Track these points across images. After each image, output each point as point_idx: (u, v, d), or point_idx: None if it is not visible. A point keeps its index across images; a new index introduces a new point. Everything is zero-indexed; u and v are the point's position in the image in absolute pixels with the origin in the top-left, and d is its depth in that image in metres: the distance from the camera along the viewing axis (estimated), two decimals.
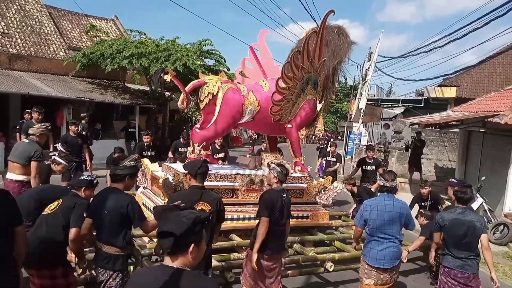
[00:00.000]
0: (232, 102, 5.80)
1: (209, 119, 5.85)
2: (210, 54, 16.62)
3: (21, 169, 5.08)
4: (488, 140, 11.28)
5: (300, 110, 6.57)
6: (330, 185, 6.61)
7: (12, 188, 5.00)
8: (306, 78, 6.34)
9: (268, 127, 6.66)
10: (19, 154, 5.10)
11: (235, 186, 5.85)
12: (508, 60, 17.75)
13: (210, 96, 5.70)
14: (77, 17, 19.45)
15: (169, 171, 5.87)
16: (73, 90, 13.73)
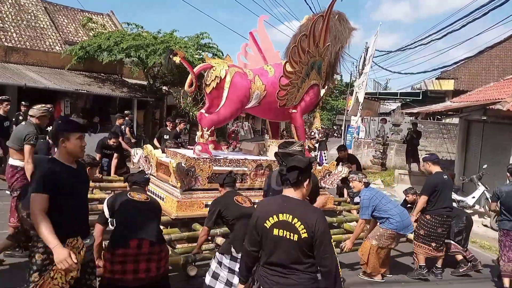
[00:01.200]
0: (240, 86, 5.71)
1: (216, 103, 5.75)
2: (208, 48, 16.50)
3: (17, 154, 4.83)
4: (489, 130, 11.28)
5: (304, 95, 6.55)
6: (334, 169, 6.75)
7: (7, 173, 4.87)
8: (311, 63, 6.32)
9: (273, 112, 6.60)
10: (13, 138, 4.89)
11: (244, 171, 5.81)
12: (505, 53, 17.80)
13: (217, 80, 5.57)
14: (72, 12, 19.28)
15: (175, 157, 5.78)
16: (71, 83, 13.61)
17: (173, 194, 5.37)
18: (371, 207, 5.14)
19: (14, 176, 4.78)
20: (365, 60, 19.59)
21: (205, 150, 5.67)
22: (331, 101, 43.37)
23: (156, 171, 5.96)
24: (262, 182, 5.81)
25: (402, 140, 17.54)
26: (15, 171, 4.79)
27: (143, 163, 6.14)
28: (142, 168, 6.12)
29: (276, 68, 6.37)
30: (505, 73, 16.95)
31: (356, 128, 18.02)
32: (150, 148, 6.31)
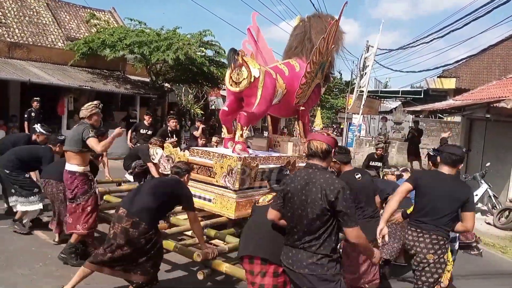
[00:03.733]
0: (270, 85, 5.74)
1: (248, 102, 5.74)
2: (210, 45, 16.50)
3: (74, 158, 4.65)
4: (491, 128, 11.35)
5: (311, 94, 6.74)
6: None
7: (65, 180, 4.71)
8: (321, 63, 6.47)
9: (287, 110, 6.79)
10: (69, 141, 4.70)
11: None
12: (507, 52, 17.88)
13: (250, 79, 5.56)
14: (74, 8, 19.25)
15: (208, 156, 5.74)
16: (74, 79, 13.60)
17: (225, 195, 5.28)
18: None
19: (74, 183, 4.64)
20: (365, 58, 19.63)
21: (245, 148, 5.69)
22: (330, 100, 43.37)
23: None
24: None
25: (403, 138, 17.62)
26: (74, 177, 4.65)
27: (164, 163, 6.06)
28: (163, 168, 6.05)
29: (289, 66, 6.53)
30: (507, 71, 17.01)
31: (357, 126, 18.07)
32: (173, 148, 6.23)
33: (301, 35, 6.84)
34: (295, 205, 2.86)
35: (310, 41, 6.70)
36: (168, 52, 13.54)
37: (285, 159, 6.09)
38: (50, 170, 5.37)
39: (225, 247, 4.33)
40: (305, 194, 2.81)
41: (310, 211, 2.76)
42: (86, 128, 4.57)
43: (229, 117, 6.18)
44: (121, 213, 3.76)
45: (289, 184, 2.94)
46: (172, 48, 13.67)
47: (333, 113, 44.93)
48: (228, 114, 6.08)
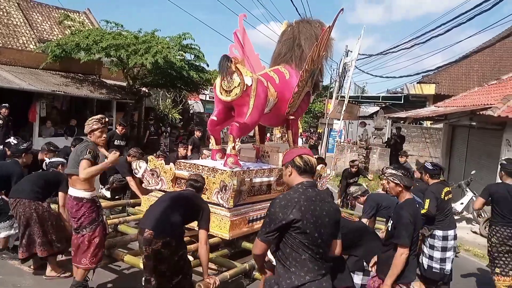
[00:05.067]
0: (262, 94, 5.42)
1: (239, 112, 5.41)
2: (190, 49, 16.11)
3: (79, 182, 4.07)
4: (475, 135, 11.34)
5: (301, 102, 6.50)
6: (324, 172, 6.90)
7: (70, 207, 4.16)
8: (312, 71, 6.22)
9: (277, 119, 6.49)
10: (71, 163, 4.13)
11: (270, 181, 5.55)
12: (484, 58, 18.13)
13: (243, 87, 5.21)
14: (47, 9, 18.52)
15: (197, 170, 5.34)
16: (47, 84, 12.98)
17: (217, 213, 4.81)
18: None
19: (80, 211, 4.06)
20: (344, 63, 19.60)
21: (237, 162, 5.32)
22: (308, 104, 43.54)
23: (172, 186, 5.50)
24: (281, 190, 5.64)
25: (384, 144, 17.61)
26: (81, 204, 4.07)
27: (148, 177, 5.61)
28: (147, 183, 5.61)
29: (279, 74, 6.25)
30: (484, 77, 17.25)
31: (338, 132, 17.97)
32: (159, 162, 5.76)
33: (289, 41, 6.54)
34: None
35: (299, 47, 6.42)
36: (146, 55, 13.10)
37: (277, 171, 5.79)
38: (20, 188, 4.85)
39: (226, 275, 3.95)
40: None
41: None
42: (86, 147, 4.05)
43: (218, 127, 5.84)
44: (148, 235, 3.45)
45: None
46: (151, 51, 13.24)
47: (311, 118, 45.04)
48: (217, 124, 5.71)
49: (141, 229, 3.60)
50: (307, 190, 2.60)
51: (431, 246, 5.22)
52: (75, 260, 4.13)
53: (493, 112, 8.61)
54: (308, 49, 6.18)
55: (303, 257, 2.49)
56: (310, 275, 2.47)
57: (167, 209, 3.63)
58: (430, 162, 5.93)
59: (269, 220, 2.54)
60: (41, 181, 4.85)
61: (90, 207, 4.08)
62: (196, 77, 15.47)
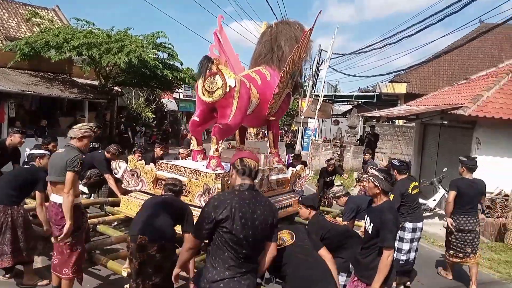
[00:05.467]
0: (245, 95, 5.38)
1: (222, 113, 5.33)
2: (163, 48, 15.89)
3: (62, 188, 3.92)
4: (445, 133, 11.65)
5: (282, 103, 6.54)
6: (303, 172, 7.00)
7: (51, 213, 4.00)
8: (292, 72, 6.26)
9: (258, 120, 6.51)
10: (53, 169, 3.98)
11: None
12: (453, 58, 18.67)
13: (226, 89, 5.14)
14: (14, 5, 17.88)
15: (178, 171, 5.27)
16: (15, 83, 12.53)
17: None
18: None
19: (63, 218, 3.89)
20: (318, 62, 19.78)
21: (220, 164, 5.26)
22: None
23: (153, 187, 5.37)
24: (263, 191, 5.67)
25: (357, 141, 17.90)
26: (62, 210, 3.90)
27: (127, 178, 5.48)
28: (127, 183, 5.48)
29: (260, 75, 6.26)
30: (453, 76, 17.77)
31: (313, 130, 18.14)
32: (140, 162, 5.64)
33: (269, 42, 6.56)
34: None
35: (279, 49, 6.45)
36: (120, 54, 12.84)
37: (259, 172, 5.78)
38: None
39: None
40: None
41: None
42: (78, 158, 3.91)
43: (200, 128, 5.80)
44: (141, 241, 3.42)
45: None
46: (124, 50, 12.98)
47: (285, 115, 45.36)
48: (199, 125, 5.66)
49: (132, 236, 3.53)
50: (242, 193, 2.73)
51: (400, 239, 5.33)
52: (56, 269, 4.00)
53: (464, 112, 8.86)
54: (288, 51, 6.22)
55: (226, 255, 2.63)
56: (229, 272, 2.60)
57: (155, 214, 3.59)
58: (397, 159, 6.25)
59: (202, 218, 2.68)
60: (17, 182, 4.63)
61: (74, 214, 3.94)
62: (170, 76, 15.29)
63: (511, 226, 8.18)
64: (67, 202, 3.82)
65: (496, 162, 9.05)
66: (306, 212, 4.43)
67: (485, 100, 9.21)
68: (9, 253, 4.49)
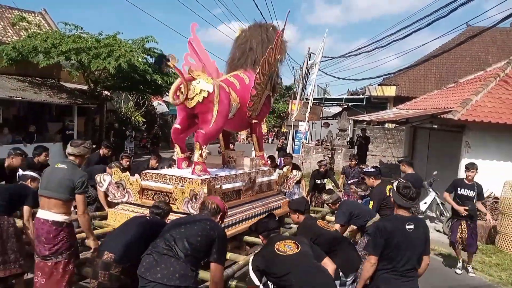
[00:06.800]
0: (225, 100, 5.40)
1: (203, 119, 5.32)
2: (153, 52, 15.80)
3: (61, 206, 3.85)
4: (435, 136, 11.76)
5: (262, 106, 6.59)
6: (290, 174, 7.07)
7: (45, 232, 3.81)
8: (269, 74, 6.30)
9: (240, 124, 6.53)
10: (56, 185, 3.84)
11: (239, 187, 5.57)
12: (441, 61, 18.85)
13: (204, 94, 5.14)
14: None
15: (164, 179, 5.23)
16: (3, 89, 12.35)
17: None
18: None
19: (58, 236, 3.81)
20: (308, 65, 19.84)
21: (205, 169, 5.25)
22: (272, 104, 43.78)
23: (140, 197, 5.30)
24: (250, 195, 5.78)
25: (348, 144, 17.96)
26: (60, 229, 3.81)
27: (113, 190, 5.40)
28: (113, 196, 5.42)
29: (239, 79, 6.27)
30: (442, 79, 17.95)
31: (304, 133, 18.18)
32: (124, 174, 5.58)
33: (243, 46, 6.58)
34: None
35: (252, 51, 6.47)
36: (109, 59, 12.75)
37: (246, 176, 5.80)
38: None
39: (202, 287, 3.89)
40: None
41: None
42: (85, 179, 3.89)
43: (182, 135, 5.76)
44: (107, 258, 3.28)
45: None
46: (114, 55, 12.88)
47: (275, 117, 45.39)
48: (181, 132, 5.63)
49: (100, 251, 3.44)
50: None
51: None
52: None
53: (453, 116, 8.95)
54: (260, 52, 6.28)
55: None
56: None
57: (131, 234, 3.45)
58: (370, 167, 6.67)
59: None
60: (6, 194, 4.51)
61: (69, 232, 3.89)
62: (160, 81, 15.21)
63: (501, 228, 8.27)
64: (85, 222, 3.90)
65: (486, 165, 9.15)
66: (295, 217, 4.46)
67: (474, 104, 9.32)
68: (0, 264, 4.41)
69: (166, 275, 2.94)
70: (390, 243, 3.39)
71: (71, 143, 4.08)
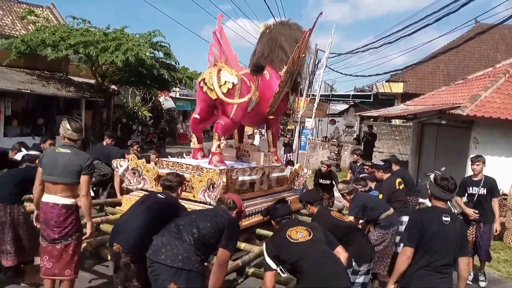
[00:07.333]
0: (246, 93, 5.43)
1: (223, 110, 5.35)
2: (160, 47, 15.83)
3: (69, 190, 3.84)
4: (443, 132, 11.68)
5: (280, 102, 6.57)
6: (301, 171, 7.12)
7: (57, 216, 3.79)
8: (292, 72, 6.31)
9: (257, 118, 6.59)
10: (62, 169, 3.79)
11: (254, 180, 5.65)
12: (449, 58, 18.73)
13: (229, 85, 5.17)
14: (8, 3, 17.71)
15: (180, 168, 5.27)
16: (12, 82, 12.42)
17: None
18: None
19: (68, 219, 3.83)
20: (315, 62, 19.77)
21: (222, 160, 5.30)
22: None
23: (155, 184, 5.34)
24: (262, 188, 5.85)
25: (354, 140, 17.92)
26: (69, 212, 3.83)
27: (129, 177, 5.45)
28: (128, 182, 5.46)
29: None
30: (450, 76, 17.83)
31: (310, 130, 18.16)
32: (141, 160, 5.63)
33: (271, 43, 6.56)
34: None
35: (281, 49, 6.46)
36: (117, 53, 12.79)
37: (260, 170, 5.86)
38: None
39: None
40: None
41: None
42: (91, 161, 3.90)
43: (200, 125, 5.86)
44: (116, 249, 3.35)
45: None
46: (121, 49, 12.93)
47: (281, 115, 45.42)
48: (200, 122, 5.71)
49: (109, 242, 3.50)
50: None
51: (397, 233, 5.34)
52: (54, 272, 3.86)
53: (462, 111, 8.89)
54: (289, 51, 6.26)
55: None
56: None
57: (138, 221, 3.44)
58: (380, 159, 6.51)
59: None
60: (15, 181, 4.60)
61: (77, 215, 3.93)
62: (167, 75, 15.24)
63: (510, 225, 8.21)
64: (87, 203, 3.89)
65: (494, 162, 9.08)
66: (308, 209, 4.47)
67: (483, 100, 9.25)
68: (12, 252, 4.47)
69: (170, 257, 2.98)
70: (425, 234, 3.24)
71: (67, 128, 3.97)
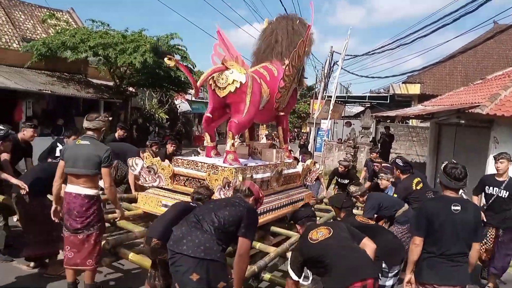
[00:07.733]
0: (257, 90, 5.46)
1: (235, 109, 5.39)
2: (177, 50, 16.00)
3: (90, 181, 3.95)
4: (461, 132, 11.54)
5: (289, 98, 6.61)
6: (313, 167, 7.16)
7: (79, 206, 3.92)
8: (298, 67, 6.32)
9: (268, 116, 6.57)
10: (84, 161, 3.90)
11: (268, 177, 5.68)
12: (467, 59, 18.53)
13: (237, 84, 5.21)
14: (30, 7, 18.14)
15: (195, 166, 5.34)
16: (33, 83, 12.71)
17: None
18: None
19: (90, 209, 3.95)
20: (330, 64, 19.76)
21: (236, 158, 5.34)
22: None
23: (171, 182, 5.40)
24: (275, 187, 5.89)
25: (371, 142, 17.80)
26: (92, 202, 3.95)
27: (144, 175, 5.54)
28: (144, 180, 5.54)
29: (268, 71, 6.29)
30: (468, 77, 17.61)
31: (326, 131, 18.11)
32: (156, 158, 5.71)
33: (269, 38, 6.57)
34: None
35: (278, 44, 6.45)
36: (135, 54, 12.98)
37: (273, 167, 5.87)
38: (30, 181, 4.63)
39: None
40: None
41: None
42: (110, 152, 3.99)
43: (213, 124, 5.88)
44: (155, 244, 3.49)
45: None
46: (139, 50, 13.10)
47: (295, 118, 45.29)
48: (212, 121, 5.74)
49: (148, 238, 3.58)
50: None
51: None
52: (76, 262, 3.96)
53: (482, 110, 8.78)
54: (286, 45, 6.30)
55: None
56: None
57: (176, 219, 3.52)
58: (400, 159, 6.31)
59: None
60: (45, 175, 4.65)
61: (99, 205, 4.04)
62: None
63: None
64: (113, 194, 4.10)
65: None
66: (337, 213, 4.52)
67: (502, 99, 9.12)
68: (36, 243, 4.57)
69: (192, 247, 2.98)
70: (433, 223, 3.23)
71: (87, 117, 4.12)
